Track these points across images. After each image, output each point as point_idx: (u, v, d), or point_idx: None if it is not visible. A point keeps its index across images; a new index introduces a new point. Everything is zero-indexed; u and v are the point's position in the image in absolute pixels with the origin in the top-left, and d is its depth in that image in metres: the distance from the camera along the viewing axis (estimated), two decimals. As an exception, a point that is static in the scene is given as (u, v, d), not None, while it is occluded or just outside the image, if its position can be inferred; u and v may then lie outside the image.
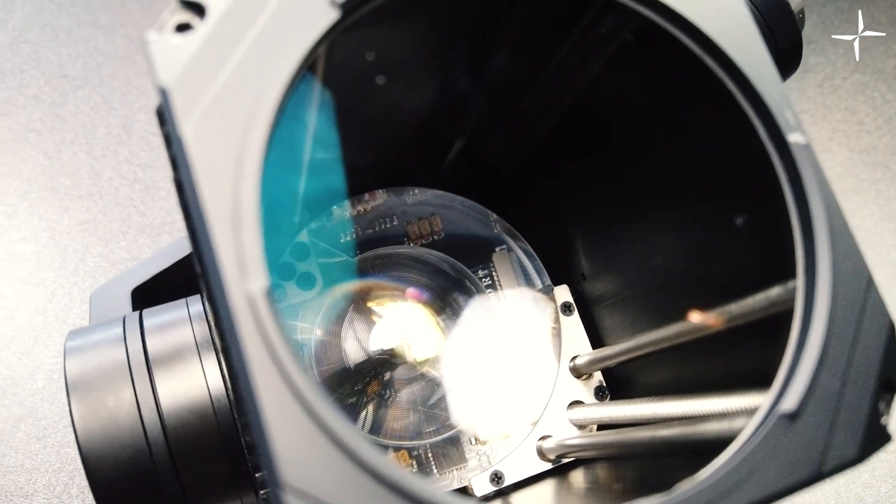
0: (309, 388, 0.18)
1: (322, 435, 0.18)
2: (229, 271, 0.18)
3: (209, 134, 0.19)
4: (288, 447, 0.18)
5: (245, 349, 0.18)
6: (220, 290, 0.19)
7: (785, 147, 0.23)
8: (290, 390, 0.18)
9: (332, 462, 0.18)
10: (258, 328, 0.18)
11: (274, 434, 0.18)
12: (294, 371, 0.18)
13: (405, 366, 0.39)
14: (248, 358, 0.18)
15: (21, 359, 0.52)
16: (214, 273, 0.19)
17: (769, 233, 0.25)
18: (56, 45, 0.61)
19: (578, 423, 0.38)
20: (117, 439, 0.31)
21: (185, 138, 0.19)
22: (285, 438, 0.18)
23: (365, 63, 0.28)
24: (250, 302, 0.18)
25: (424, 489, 0.18)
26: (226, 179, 0.19)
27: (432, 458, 0.39)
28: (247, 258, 0.19)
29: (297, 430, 0.18)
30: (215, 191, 0.19)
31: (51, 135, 0.58)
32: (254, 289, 0.18)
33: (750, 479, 0.20)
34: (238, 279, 0.18)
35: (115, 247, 0.56)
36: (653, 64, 0.28)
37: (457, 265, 0.42)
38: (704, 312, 0.29)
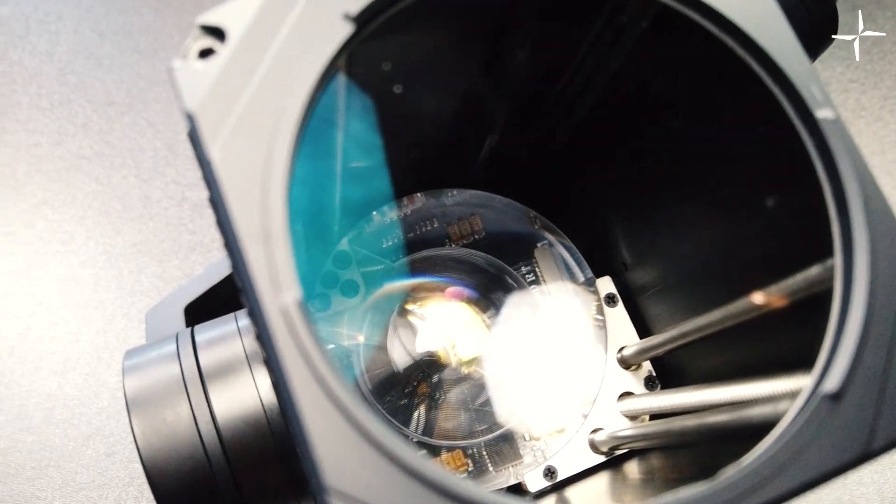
0: (345, 393, 0.18)
1: (361, 438, 0.18)
2: (263, 285, 0.19)
3: (235, 154, 0.20)
4: (329, 451, 0.18)
5: (282, 359, 0.19)
6: (256, 304, 0.19)
7: (814, 123, 0.23)
8: (328, 396, 0.18)
9: (373, 464, 0.18)
10: (293, 338, 0.19)
11: (315, 439, 0.18)
12: (330, 377, 0.18)
13: (452, 366, 0.40)
14: (285, 367, 0.19)
15: (86, 379, 0.54)
16: (250, 288, 0.20)
17: (804, 212, 0.25)
18: (101, 73, 0.64)
19: (629, 415, 0.38)
20: (177, 452, 0.32)
21: (213, 160, 0.20)
22: (326, 443, 0.18)
23: (388, 71, 0.28)
24: (284, 314, 0.19)
25: (463, 486, 0.18)
26: (254, 197, 0.20)
27: (487, 456, 0.39)
28: (279, 272, 0.19)
29: (337, 435, 0.18)
30: (244, 209, 0.20)
31: (100, 161, 0.60)
32: (287, 301, 0.19)
33: (795, 462, 0.20)
34: (271, 293, 0.19)
35: (168, 266, 0.57)
36: (674, 49, 0.28)
37: (499, 263, 0.42)
38: (747, 296, 0.28)
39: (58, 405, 0.53)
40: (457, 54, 0.31)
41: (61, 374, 0.54)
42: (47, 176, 0.60)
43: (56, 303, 0.56)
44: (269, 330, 0.19)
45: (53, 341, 0.55)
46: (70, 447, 0.52)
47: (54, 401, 0.53)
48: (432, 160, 0.40)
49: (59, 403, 0.53)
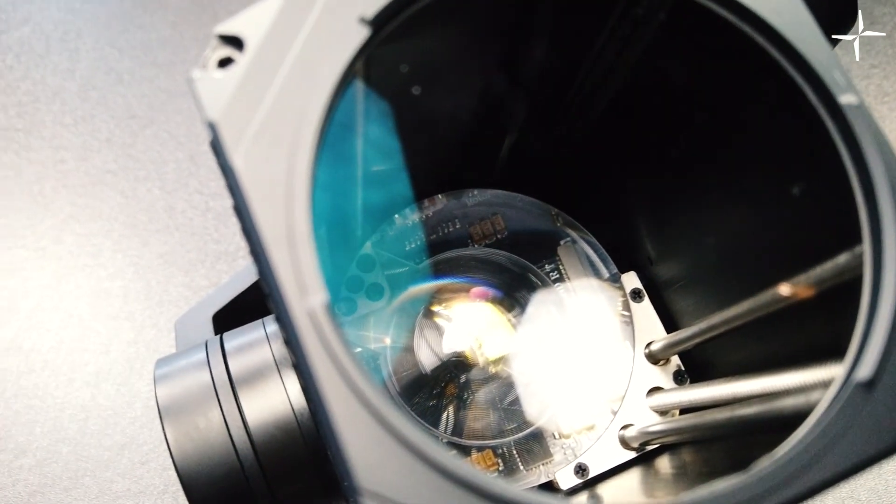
0: (375, 393, 0.18)
1: (392, 438, 0.18)
2: (289, 290, 0.19)
3: (258, 161, 0.20)
4: (360, 453, 0.18)
5: (311, 362, 0.19)
6: (283, 308, 0.20)
7: (837, 109, 0.23)
8: (357, 398, 0.19)
9: (405, 464, 0.18)
10: (321, 341, 0.19)
11: (346, 441, 0.18)
12: (359, 378, 0.19)
13: (479, 366, 0.40)
14: (314, 370, 0.19)
15: (119, 389, 0.55)
16: (276, 292, 0.20)
17: (830, 199, 0.24)
18: (122, 88, 0.64)
19: (659, 410, 0.38)
20: (211, 458, 0.33)
21: (237, 168, 0.20)
22: (357, 445, 0.18)
23: (405, 73, 0.28)
24: (311, 317, 0.19)
25: (496, 484, 0.18)
26: (277, 202, 0.20)
27: (517, 454, 0.39)
28: (304, 276, 0.19)
29: (368, 436, 0.18)
30: (269, 215, 0.20)
31: (125, 174, 0.61)
32: (313, 304, 0.19)
33: (829, 452, 0.20)
34: (298, 296, 0.19)
35: (195, 275, 0.58)
36: (693, 40, 0.27)
37: (522, 262, 0.42)
38: (774, 286, 0.28)
39: (92, 416, 0.54)
40: (474, 53, 0.31)
41: (94, 386, 0.55)
42: (74, 191, 0.61)
43: (87, 315, 0.57)
44: (296, 333, 0.19)
45: (86, 353, 0.56)
46: (105, 457, 0.53)
47: (88, 412, 0.54)
48: (452, 161, 0.40)
49: (93, 414, 0.54)
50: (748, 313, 0.30)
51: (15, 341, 0.56)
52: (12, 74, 0.64)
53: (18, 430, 0.54)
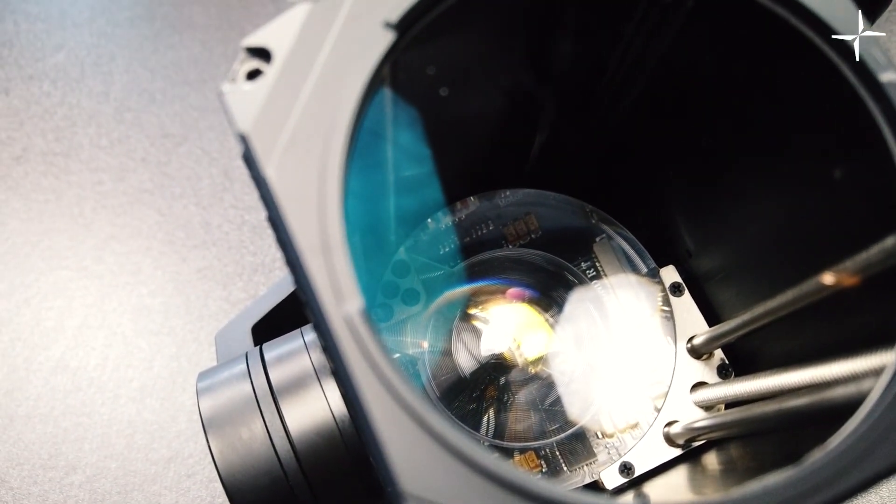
0: (414, 398, 0.18)
1: (434, 442, 0.18)
2: (326, 297, 0.19)
3: (290, 171, 0.20)
4: (403, 457, 0.18)
5: (350, 368, 0.19)
6: (321, 316, 0.20)
7: (878, 88, 0.22)
8: (397, 402, 0.18)
9: (448, 467, 0.18)
10: (359, 347, 0.19)
11: (388, 446, 0.18)
12: (398, 383, 0.18)
13: (518, 368, 0.39)
14: (354, 376, 0.19)
15: (163, 404, 0.55)
16: (314, 300, 0.20)
17: (873, 180, 0.24)
18: (155, 108, 0.65)
19: (704, 405, 0.37)
20: (255, 469, 0.33)
21: (269, 179, 0.20)
22: (399, 449, 0.18)
23: (432, 75, 0.28)
24: (349, 323, 0.19)
25: (540, 485, 0.18)
26: (311, 212, 0.20)
27: (560, 455, 0.39)
28: (340, 282, 0.19)
29: (410, 440, 0.18)
30: (302, 224, 0.20)
31: (161, 192, 0.62)
32: (350, 310, 0.19)
33: (884, 443, 0.19)
34: (335, 303, 0.19)
35: (233, 288, 0.58)
36: (723, 25, 0.27)
37: (558, 261, 0.42)
38: (819, 274, 0.27)
39: (138, 431, 0.55)
40: (500, 51, 0.31)
41: (139, 401, 0.56)
42: (112, 211, 0.62)
43: (130, 332, 0.58)
44: (334, 340, 0.19)
45: (130, 369, 0.57)
46: (152, 471, 0.54)
47: (134, 427, 0.55)
48: (483, 162, 0.40)
49: (139, 429, 0.55)
50: (792, 303, 0.29)
51: (62, 360, 0.57)
52: (49, 100, 0.66)
53: (68, 448, 0.55)
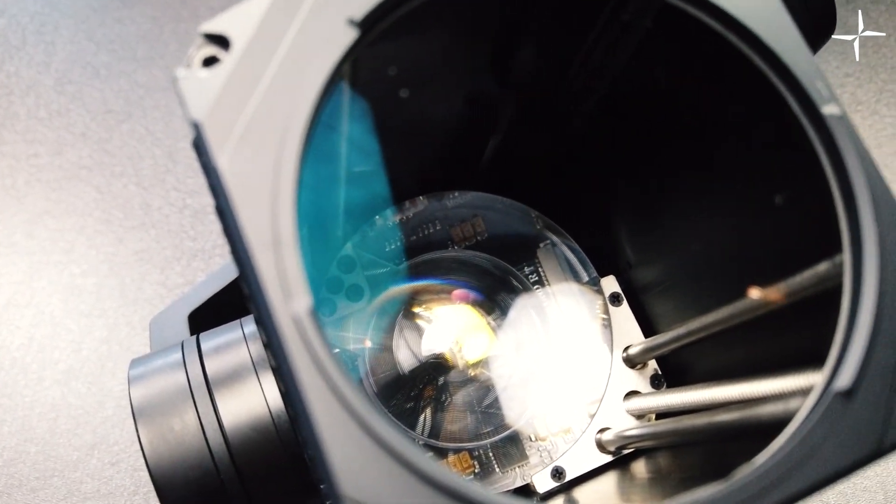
0: (360, 401, 0.18)
1: (376, 446, 0.18)
2: (273, 294, 0.19)
3: (243, 163, 0.20)
4: (344, 460, 0.18)
5: (295, 368, 0.19)
6: (267, 313, 0.19)
7: (820, 120, 0.23)
8: (342, 405, 0.18)
9: (389, 472, 0.18)
10: (306, 347, 0.19)
11: (330, 449, 0.18)
12: (344, 386, 0.18)
13: (459, 368, 0.40)
14: (298, 376, 0.19)
15: (90, 388, 0.54)
16: (260, 296, 0.20)
17: (812, 208, 0.25)
18: (98, 83, 0.63)
19: (636, 413, 0.38)
20: (185, 461, 0.32)
21: (221, 169, 0.20)
22: (341, 452, 0.18)
23: (390, 75, 0.28)
24: (296, 322, 0.19)
25: (481, 493, 0.18)
26: (263, 205, 0.20)
27: (493, 457, 0.39)
28: (289, 280, 0.19)
29: (352, 444, 0.18)
30: (253, 217, 0.20)
31: (100, 170, 0.60)
32: (298, 309, 0.19)
33: (808, 461, 0.20)
34: (282, 301, 0.19)
35: (171, 273, 0.57)
36: (678, 47, 0.28)
37: (502, 265, 0.42)
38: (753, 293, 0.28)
39: (62, 415, 0.53)
40: (462, 55, 0.31)
41: (65, 384, 0.54)
42: (48, 186, 0.60)
43: (59, 312, 0.56)
44: (280, 338, 0.19)
45: (56, 351, 0.55)
46: (74, 457, 0.52)
47: (58, 411, 0.53)
48: (435, 163, 0.40)
49: (63, 413, 0.53)
50: (728, 319, 0.30)
51: (-17, 339, 0.55)
52: (-16, 66, 0.63)
53: (-14, 429, 0.53)
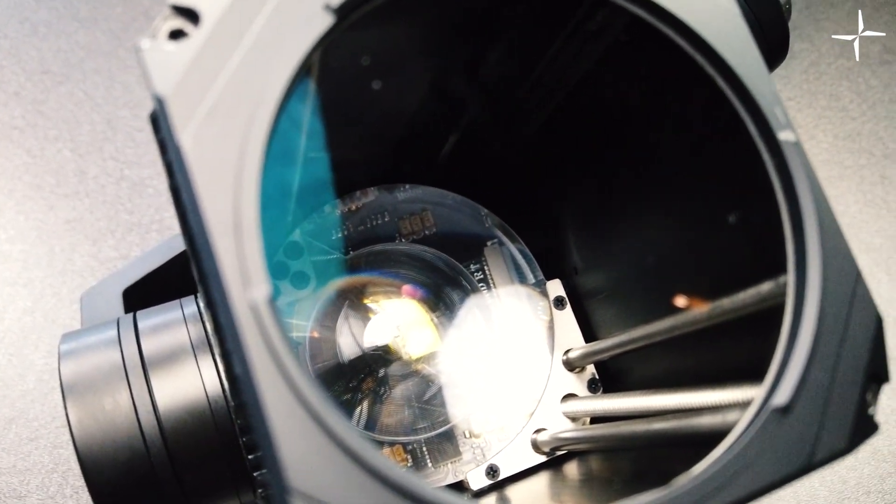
0: (315, 394, 0.18)
1: (329, 441, 0.18)
2: (231, 279, 0.19)
3: (207, 142, 0.19)
4: (294, 453, 0.18)
5: (249, 355, 0.18)
6: (222, 298, 0.19)
7: (775, 145, 0.24)
8: (295, 396, 0.18)
9: (340, 467, 0.18)
10: (262, 335, 0.18)
11: (280, 440, 0.18)
12: (300, 378, 0.18)
13: (400, 362, 0.40)
14: (252, 365, 0.18)
15: (10, 360, 0.52)
16: (216, 280, 0.19)
17: (760, 229, 0.26)
18: (36, 40, 0.61)
19: (572, 416, 0.39)
20: (115, 441, 0.31)
21: (184, 147, 0.19)
22: (291, 445, 0.18)
23: (359, 64, 0.28)
24: (253, 310, 0.18)
25: (432, 492, 0.18)
26: (225, 187, 0.19)
27: (427, 452, 0.39)
28: (249, 266, 0.19)
29: (304, 437, 0.18)
30: (215, 199, 0.19)
31: (34, 132, 0.58)
32: (257, 297, 0.19)
33: (744, 472, 0.21)
34: (241, 287, 0.19)
35: (104, 245, 0.55)
36: (644, 62, 0.28)
37: (449, 261, 0.42)
38: (697, 307, 0.29)
39: (-22, 386, 0.51)
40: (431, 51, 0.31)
41: (-17, 354, 0.52)
42: (-25, 144, 0.57)
43: (-20, 279, 0.54)
44: (235, 325, 0.18)
45: (-24, 319, 0.53)
46: (-10, 430, 0.50)
47: (-26, 381, 0.51)
48: (391, 155, 0.39)
49: (-20, 384, 0.51)
50: (669, 330, 0.31)
51: None
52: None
53: None
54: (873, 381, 0.23)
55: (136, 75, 0.61)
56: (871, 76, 0.67)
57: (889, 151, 0.64)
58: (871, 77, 0.67)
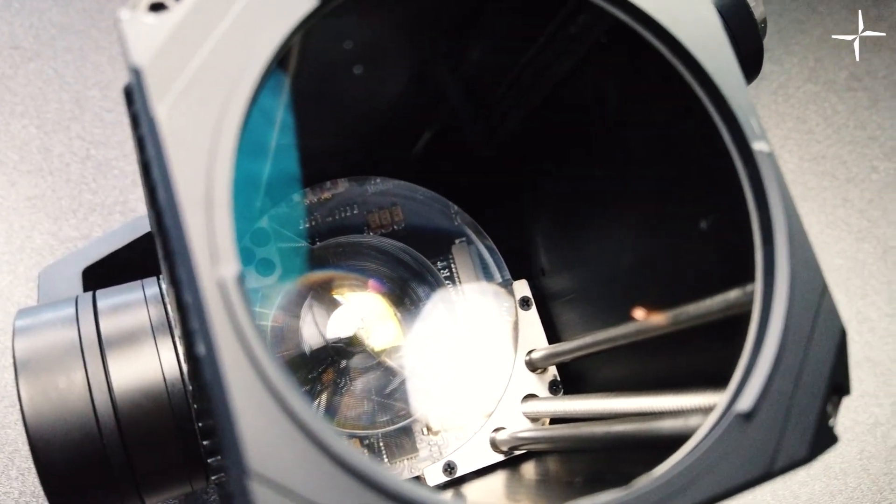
0: (279, 377, 0.18)
1: (291, 424, 0.18)
2: (200, 257, 0.18)
3: (183, 116, 0.19)
4: (256, 435, 0.18)
5: (215, 336, 0.18)
6: (190, 276, 0.18)
7: (749, 154, 0.24)
8: (260, 379, 0.18)
9: (301, 451, 0.18)
10: (229, 314, 0.18)
11: (242, 422, 0.18)
12: (265, 360, 0.18)
13: (362, 355, 0.39)
14: (217, 345, 0.18)
15: (-39, 336, 0.50)
16: (183, 258, 0.19)
17: (730, 237, 0.26)
18: (8, 15, 0.59)
19: (532, 416, 0.39)
20: (67, 421, 0.30)
21: (159, 119, 0.19)
22: (253, 426, 0.18)
23: (339, 51, 0.28)
24: (221, 288, 0.18)
25: (393, 481, 0.18)
26: (199, 163, 0.19)
27: (384, 447, 0.39)
28: (218, 244, 0.18)
29: (266, 419, 0.18)
30: (188, 174, 0.19)
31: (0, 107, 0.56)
32: (225, 275, 0.18)
33: (705, 476, 0.21)
34: (209, 265, 0.18)
35: (64, 224, 0.54)
36: (624, 66, 0.28)
37: (417, 256, 0.42)
38: (662, 312, 0.29)
39: (-76, 361, 0.49)
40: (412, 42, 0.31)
41: (-68, 328, 0.50)
42: (-64, 115, 0.55)
43: (-66, 251, 0.52)
44: (202, 303, 0.18)
45: (-74, 292, 0.51)
46: (-68, 407, 0.48)
47: (-79, 356, 0.49)
48: (365, 146, 0.39)
49: (-73, 359, 0.49)
50: (634, 334, 0.31)
51: None
52: None
53: None
54: (835, 393, 0.24)
55: (108, 56, 0.60)
56: (837, 101, 0.68)
57: (852, 175, 0.65)
58: (838, 102, 0.68)
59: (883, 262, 0.61)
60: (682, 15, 0.25)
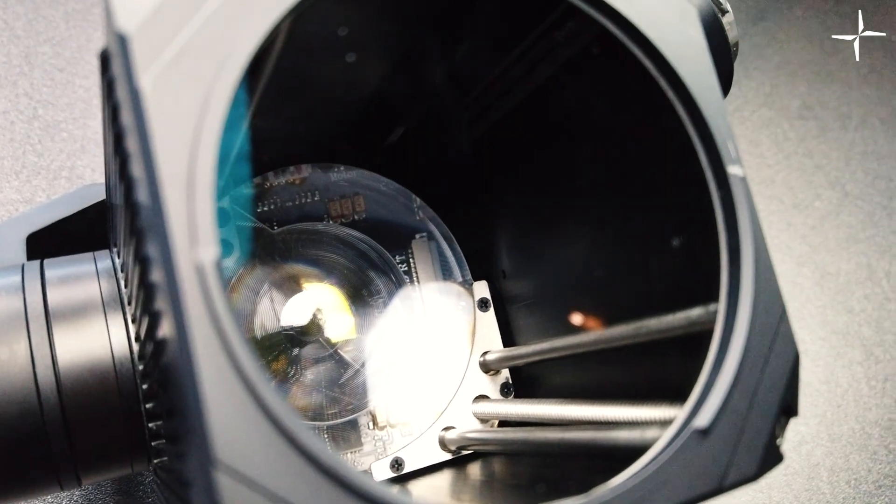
0: (254, 368, 0.17)
1: (262, 416, 0.17)
2: (179, 236, 0.18)
3: (169, 88, 0.18)
4: (225, 425, 0.17)
5: (188, 320, 0.17)
6: (165, 255, 0.18)
7: (723, 177, 0.25)
8: (233, 368, 0.17)
9: (271, 445, 0.17)
10: (204, 299, 0.17)
11: (212, 410, 0.17)
12: (239, 348, 0.17)
13: (315, 344, 0.39)
14: (190, 330, 0.17)
15: None
16: (158, 235, 0.18)
17: (697, 256, 0.26)
18: (-44, -40, 0.56)
19: (482, 417, 0.39)
20: (5, 395, 0.29)
21: (143, 89, 0.18)
22: (223, 416, 0.17)
23: (322, 37, 0.27)
24: (199, 271, 0.18)
25: (360, 478, 0.18)
26: (183, 137, 0.18)
27: (329, 439, 0.39)
28: (199, 224, 0.18)
29: (236, 409, 0.17)
30: (171, 149, 0.18)
31: (-57, 55, 0.54)
32: (204, 258, 0.18)
33: (661, 489, 0.21)
34: (187, 245, 0.18)
35: (6, 186, 0.52)
36: (607, 76, 0.29)
37: (377, 248, 0.42)
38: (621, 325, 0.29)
39: None
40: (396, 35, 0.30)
41: None
42: None
43: None
44: (177, 285, 0.17)
45: None
46: None
47: None
48: (337, 133, 0.39)
49: None
50: (591, 344, 0.31)
51: None
52: None
53: None
54: (784, 414, 0.24)
55: (63, 11, 0.57)
56: (788, 129, 0.70)
57: (798, 201, 0.67)
58: (790, 129, 0.70)
59: (819, 288, 0.63)
60: (672, 35, 0.25)
